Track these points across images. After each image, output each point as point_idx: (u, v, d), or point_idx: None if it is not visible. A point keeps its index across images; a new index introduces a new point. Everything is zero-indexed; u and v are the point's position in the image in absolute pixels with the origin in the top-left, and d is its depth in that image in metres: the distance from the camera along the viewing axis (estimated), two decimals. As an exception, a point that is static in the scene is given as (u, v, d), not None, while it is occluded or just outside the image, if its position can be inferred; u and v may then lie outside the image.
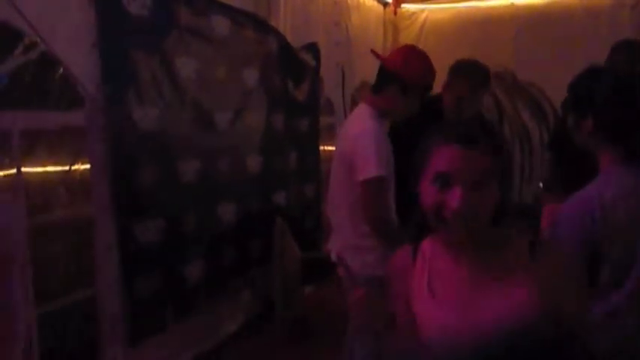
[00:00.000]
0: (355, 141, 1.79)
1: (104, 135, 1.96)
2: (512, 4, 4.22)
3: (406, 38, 4.53)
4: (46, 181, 1.99)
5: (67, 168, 2.03)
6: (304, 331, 2.78)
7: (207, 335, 2.57)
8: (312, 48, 3.32)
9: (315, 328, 2.81)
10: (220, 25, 2.56)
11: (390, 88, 1.80)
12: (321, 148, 3.57)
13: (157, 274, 2.18)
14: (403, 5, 4.52)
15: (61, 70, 1.86)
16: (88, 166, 2.00)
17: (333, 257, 1.83)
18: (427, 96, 1.88)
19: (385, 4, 4.47)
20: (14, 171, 1.74)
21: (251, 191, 2.81)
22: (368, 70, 4.16)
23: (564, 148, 1.70)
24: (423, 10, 4.50)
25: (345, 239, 1.86)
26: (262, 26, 2.85)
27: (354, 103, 3.81)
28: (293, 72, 3.13)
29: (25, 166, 1.79)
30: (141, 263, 2.11)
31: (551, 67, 3.69)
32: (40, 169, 1.93)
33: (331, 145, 3.94)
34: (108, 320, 2.03)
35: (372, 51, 2.00)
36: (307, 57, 3.29)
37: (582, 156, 1.30)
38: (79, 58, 1.87)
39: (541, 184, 3.94)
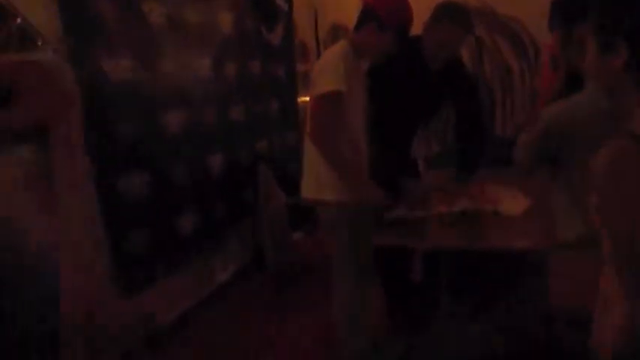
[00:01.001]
0: (321, 61, 1.79)
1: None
2: None
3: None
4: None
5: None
6: (294, 277, 2.82)
7: (199, 286, 2.59)
8: (285, -10, 3.20)
9: (304, 274, 2.85)
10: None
11: (368, 26, 1.81)
12: (300, 97, 3.51)
13: (147, 228, 2.16)
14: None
15: (19, 21, 1.75)
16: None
17: (308, 195, 1.84)
18: (405, 36, 1.85)
19: (358, -59, 4.28)
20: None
21: (237, 140, 2.78)
22: (339, 14, 4.06)
23: None
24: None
25: (313, 169, 1.86)
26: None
27: (326, 48, 3.73)
28: (265, 15, 3.02)
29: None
30: (128, 218, 2.09)
31: (532, 2, 3.61)
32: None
33: (306, 94, 3.87)
34: (98, 276, 2.02)
35: None
36: (280, 1, 3.17)
37: None
38: (37, 8, 1.76)
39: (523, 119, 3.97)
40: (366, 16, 1.82)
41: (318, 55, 3.62)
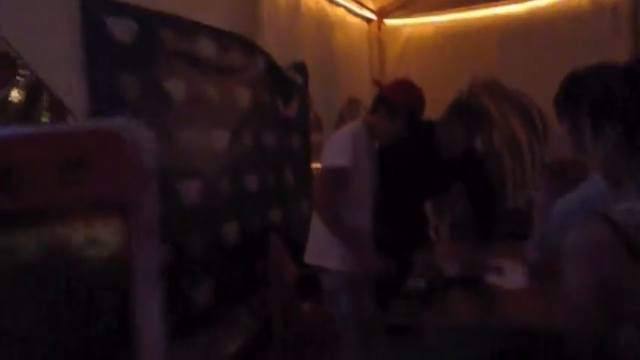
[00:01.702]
0: (331, 139, 1.89)
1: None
2: (495, 14, 4.30)
3: (391, 53, 4.59)
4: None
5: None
6: (301, 348, 2.75)
7: (206, 357, 2.54)
8: (299, 66, 3.36)
9: (312, 345, 2.78)
10: (207, 47, 2.59)
11: (380, 111, 1.93)
12: (314, 166, 3.59)
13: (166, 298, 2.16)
14: (386, 20, 4.59)
15: (47, 96, 1.87)
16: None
17: (310, 261, 1.85)
18: (415, 124, 1.96)
19: (369, 21, 4.54)
20: None
21: (251, 210, 2.82)
22: (356, 87, 4.24)
23: None
24: (406, 25, 4.57)
25: (315, 236, 1.91)
26: (248, 47, 2.89)
27: (342, 120, 3.86)
28: (282, 90, 3.16)
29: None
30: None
31: (537, 74, 3.74)
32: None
33: (318, 161, 3.96)
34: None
35: (374, 81, 2.14)
36: (295, 75, 3.33)
37: None
38: (64, 82, 1.88)
39: (534, 192, 3.98)
40: (379, 101, 1.95)
41: (336, 128, 3.75)
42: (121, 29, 2.07)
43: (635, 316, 0.88)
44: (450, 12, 4.40)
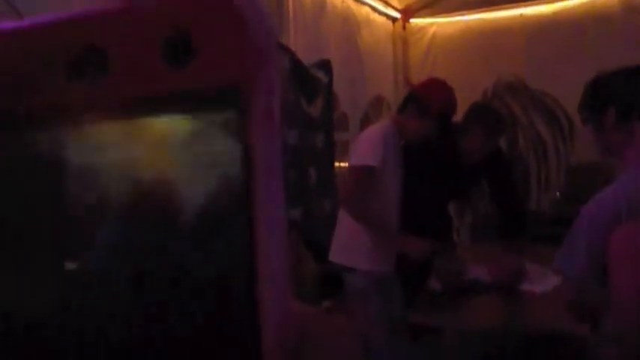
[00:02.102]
0: (361, 136, 1.89)
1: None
2: (521, 15, 4.25)
3: (416, 53, 4.57)
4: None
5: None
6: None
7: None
8: (324, 65, 3.37)
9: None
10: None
11: (410, 110, 1.92)
12: (336, 164, 3.60)
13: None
14: (412, 20, 4.57)
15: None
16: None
17: (334, 259, 1.86)
18: (446, 125, 1.95)
19: (394, 20, 4.52)
20: None
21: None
22: (381, 86, 4.23)
23: None
24: (431, 24, 4.54)
25: (342, 236, 1.92)
26: (273, 44, 2.91)
27: (368, 118, 3.85)
28: (305, 89, 3.17)
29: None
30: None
31: (563, 76, 3.69)
32: None
33: (346, 161, 3.98)
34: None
35: (406, 80, 2.12)
36: (319, 74, 3.34)
37: None
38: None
39: (558, 193, 3.92)
40: (410, 100, 1.94)
41: (361, 126, 3.76)
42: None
43: None
44: (475, 12, 4.36)
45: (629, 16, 3.85)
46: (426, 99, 1.87)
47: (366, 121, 3.83)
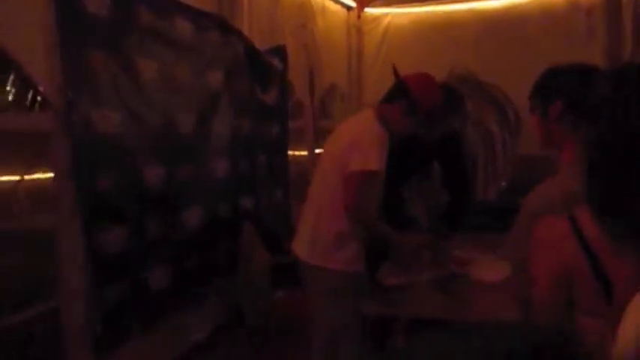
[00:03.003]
0: (359, 136, 1.85)
1: (66, 140, 1.89)
2: (472, 9, 4.33)
3: (370, 42, 4.58)
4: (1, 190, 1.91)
5: (23, 176, 1.95)
6: (273, 336, 2.75)
7: (175, 344, 2.50)
8: (279, 51, 3.31)
9: (284, 333, 2.78)
10: (183, 26, 2.51)
11: (399, 104, 1.88)
12: (290, 152, 3.56)
13: (123, 283, 2.11)
14: (366, 9, 4.56)
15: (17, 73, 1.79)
16: (45, 175, 1.93)
17: (303, 257, 1.84)
18: (431, 122, 1.95)
19: (349, 8, 4.50)
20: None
21: (217, 196, 2.76)
22: (336, 73, 4.21)
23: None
24: (386, 15, 4.55)
25: (322, 237, 1.89)
26: (227, 29, 2.82)
27: (324, 106, 3.82)
28: (260, 75, 3.10)
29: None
30: (107, 272, 2.04)
31: (511, 70, 3.79)
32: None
33: (300, 149, 3.95)
34: (73, 332, 1.95)
35: (394, 67, 2.03)
36: (274, 60, 3.28)
37: None
38: (38, 59, 1.80)
39: (503, 183, 4.05)
40: (400, 94, 1.88)
41: (313, 114, 3.73)
42: (95, 2, 1.98)
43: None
44: (429, 4, 4.40)
45: (574, 13, 4.00)
46: (419, 98, 1.83)
47: (322, 109, 3.80)
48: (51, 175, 1.93)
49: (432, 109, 1.89)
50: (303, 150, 3.91)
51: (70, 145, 1.89)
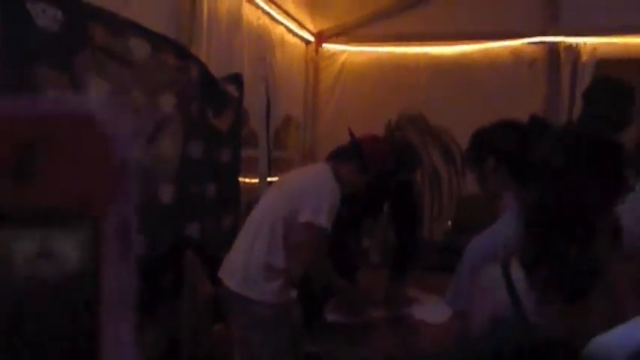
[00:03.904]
0: (314, 185, 1.90)
1: None
2: (426, 53, 4.52)
3: (327, 77, 4.67)
4: None
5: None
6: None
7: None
8: (236, 79, 3.30)
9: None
10: (138, 47, 2.47)
11: (351, 164, 1.99)
12: (242, 180, 3.51)
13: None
14: (325, 45, 4.67)
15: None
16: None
17: (233, 287, 1.82)
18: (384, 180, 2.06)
19: (307, 42, 4.59)
20: None
21: (160, 222, 2.67)
22: (292, 105, 4.25)
23: None
24: (343, 52, 4.68)
25: (253, 269, 1.90)
26: (183, 53, 2.79)
27: (278, 138, 3.82)
28: (213, 101, 3.08)
29: None
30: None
31: (459, 115, 3.96)
32: None
33: (253, 177, 3.91)
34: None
35: (349, 129, 2.16)
36: (230, 87, 3.26)
37: None
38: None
39: (449, 222, 4.17)
40: (353, 153, 1.99)
41: (268, 144, 3.73)
42: (44, 16, 1.91)
43: None
44: (385, 45, 4.56)
45: (517, 65, 4.26)
46: (372, 160, 1.97)
47: (277, 140, 3.80)
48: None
49: (384, 169, 2.01)
50: (255, 178, 3.88)
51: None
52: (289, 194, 1.94)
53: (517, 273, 0.99)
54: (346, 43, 4.64)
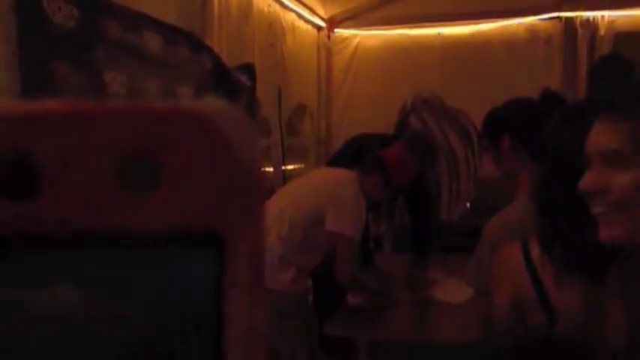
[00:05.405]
0: (348, 197, 2.03)
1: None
2: (439, 34, 4.46)
3: (339, 62, 4.64)
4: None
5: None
6: None
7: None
8: (248, 68, 3.31)
9: None
10: (152, 41, 2.49)
11: (375, 177, 2.06)
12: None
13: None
14: (336, 30, 4.64)
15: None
16: None
17: None
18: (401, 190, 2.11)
19: (319, 28, 4.56)
20: None
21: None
22: (304, 92, 4.24)
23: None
24: (355, 36, 4.64)
25: (267, 258, 1.93)
26: (196, 44, 2.81)
27: (291, 125, 3.83)
28: (227, 91, 3.10)
29: None
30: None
31: (475, 95, 3.91)
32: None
33: (267, 165, 3.94)
34: None
35: (371, 145, 2.22)
36: (242, 77, 3.28)
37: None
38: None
39: (467, 204, 4.15)
40: (377, 166, 2.02)
41: (281, 132, 3.74)
42: (60, 13, 1.94)
43: None
44: (398, 27, 4.51)
45: (533, 42, 4.18)
46: (395, 175, 2.00)
47: (290, 128, 3.81)
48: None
49: (406, 183, 2.05)
50: (269, 167, 3.90)
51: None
52: (314, 197, 2.00)
53: (537, 252, 0.99)
54: (358, 27, 4.60)
